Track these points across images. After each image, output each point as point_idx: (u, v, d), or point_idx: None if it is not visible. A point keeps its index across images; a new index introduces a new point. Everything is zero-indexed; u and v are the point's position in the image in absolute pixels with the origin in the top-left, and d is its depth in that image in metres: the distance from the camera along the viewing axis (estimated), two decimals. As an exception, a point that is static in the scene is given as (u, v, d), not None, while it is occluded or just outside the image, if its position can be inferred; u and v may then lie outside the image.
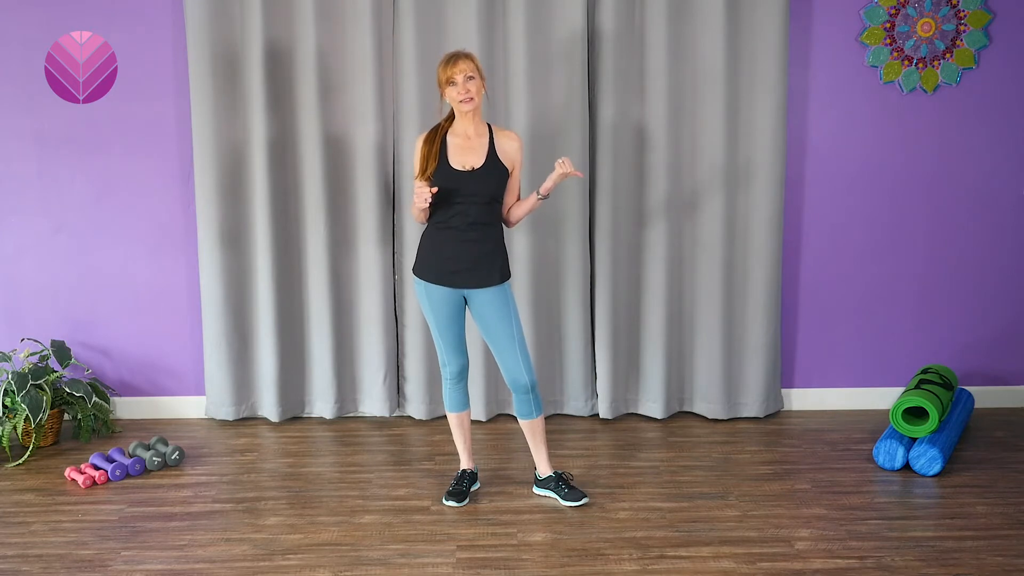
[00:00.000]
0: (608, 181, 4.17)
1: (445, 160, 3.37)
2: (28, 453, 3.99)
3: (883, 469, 3.81)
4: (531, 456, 3.68)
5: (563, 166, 3.34)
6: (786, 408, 4.51)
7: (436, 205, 3.40)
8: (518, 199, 3.52)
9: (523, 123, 4.11)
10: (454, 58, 3.30)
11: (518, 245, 4.19)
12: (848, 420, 4.37)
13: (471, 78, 3.30)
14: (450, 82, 3.30)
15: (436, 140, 3.38)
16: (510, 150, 3.42)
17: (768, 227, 4.22)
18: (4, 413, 3.98)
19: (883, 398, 4.48)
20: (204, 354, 4.38)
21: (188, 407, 4.49)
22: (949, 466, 3.82)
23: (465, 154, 3.38)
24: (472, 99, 3.31)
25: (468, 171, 3.35)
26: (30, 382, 3.99)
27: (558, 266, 4.29)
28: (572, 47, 4.09)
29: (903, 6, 4.17)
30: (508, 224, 3.56)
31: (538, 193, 3.43)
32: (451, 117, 3.43)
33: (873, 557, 3.10)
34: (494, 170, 3.38)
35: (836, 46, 4.23)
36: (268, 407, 4.38)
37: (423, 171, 3.35)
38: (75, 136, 4.26)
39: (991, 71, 4.25)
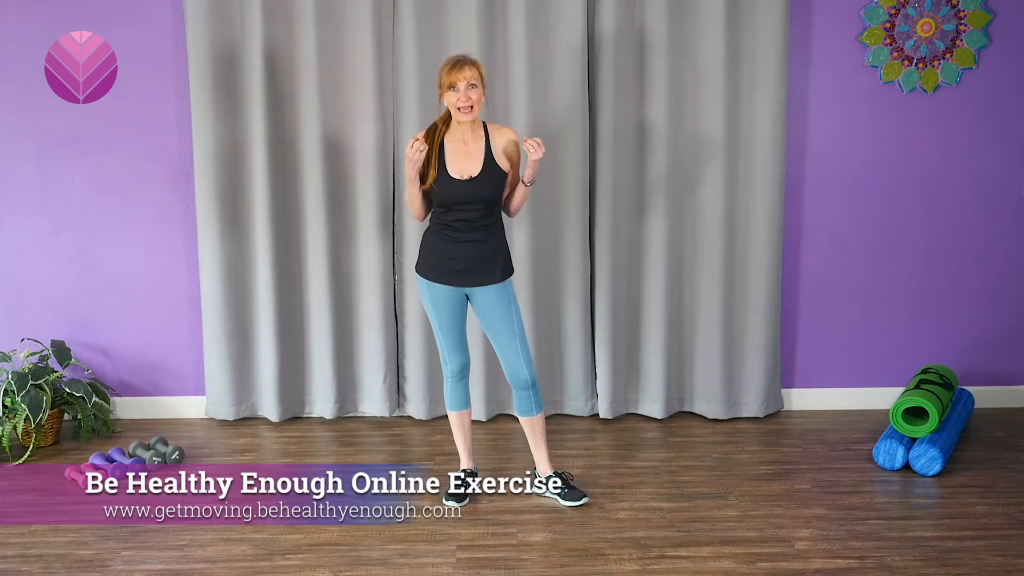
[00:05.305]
0: (608, 182, 4.17)
1: (443, 168, 3.36)
2: (28, 453, 4.00)
3: (883, 469, 3.81)
4: (531, 456, 3.68)
5: (532, 150, 3.29)
6: (786, 408, 4.51)
7: (436, 211, 3.42)
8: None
9: (523, 124, 4.11)
10: (459, 63, 3.27)
11: (518, 245, 4.19)
12: (848, 420, 4.37)
13: (473, 86, 3.27)
14: (452, 87, 3.27)
15: (434, 146, 3.36)
16: (507, 147, 3.41)
17: (768, 227, 4.22)
18: (4, 413, 3.98)
19: (883, 398, 4.48)
20: (204, 354, 4.38)
21: (188, 407, 4.49)
22: (949, 466, 3.82)
23: (463, 161, 3.37)
24: (472, 108, 3.29)
25: (466, 180, 3.35)
26: (30, 382, 3.99)
27: (558, 266, 4.29)
28: (572, 48, 4.09)
29: (903, 6, 4.17)
30: (509, 215, 3.56)
31: (523, 182, 3.43)
32: (447, 118, 3.42)
33: (873, 557, 3.11)
34: (491, 175, 3.37)
35: (836, 46, 4.22)
36: (268, 407, 4.38)
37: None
38: (75, 136, 4.26)
39: (991, 71, 4.25)
